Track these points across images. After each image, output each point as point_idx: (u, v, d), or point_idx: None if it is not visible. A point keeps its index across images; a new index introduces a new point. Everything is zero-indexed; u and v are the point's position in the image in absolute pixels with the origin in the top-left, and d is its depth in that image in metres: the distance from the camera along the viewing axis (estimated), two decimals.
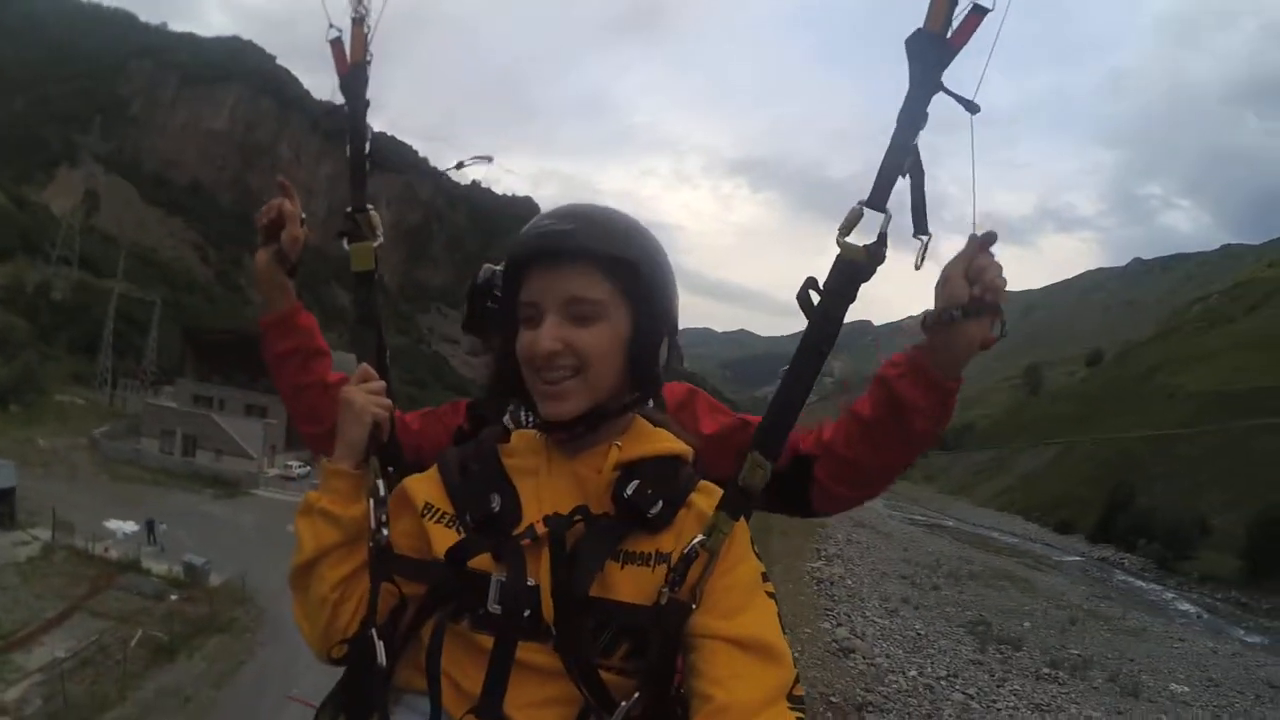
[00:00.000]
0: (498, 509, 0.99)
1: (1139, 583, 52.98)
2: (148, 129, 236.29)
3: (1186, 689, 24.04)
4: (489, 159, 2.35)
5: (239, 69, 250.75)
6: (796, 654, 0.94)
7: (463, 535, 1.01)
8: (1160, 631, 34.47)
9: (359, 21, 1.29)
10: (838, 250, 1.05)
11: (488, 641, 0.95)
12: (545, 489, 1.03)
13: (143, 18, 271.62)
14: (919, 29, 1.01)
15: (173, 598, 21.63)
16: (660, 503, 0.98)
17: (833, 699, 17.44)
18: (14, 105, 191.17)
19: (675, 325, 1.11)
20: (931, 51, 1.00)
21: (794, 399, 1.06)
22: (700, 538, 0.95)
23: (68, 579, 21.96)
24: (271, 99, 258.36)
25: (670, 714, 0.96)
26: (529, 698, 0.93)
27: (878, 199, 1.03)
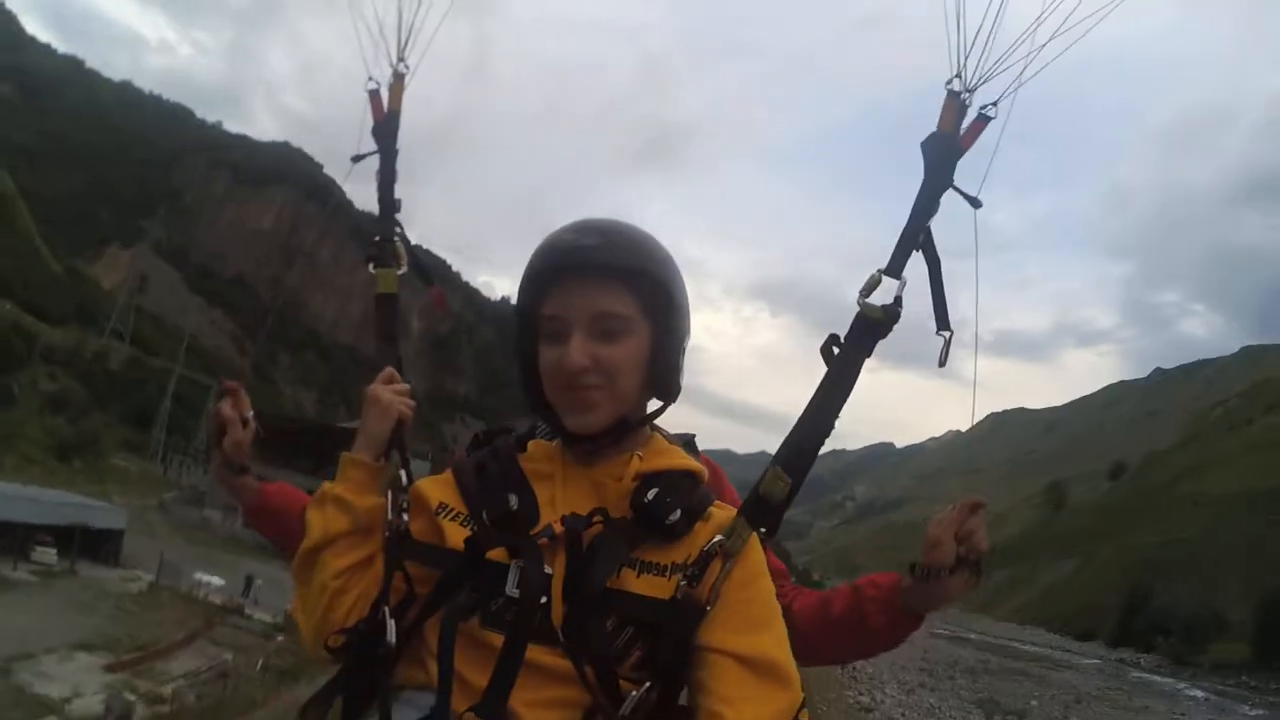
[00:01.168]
0: (515, 508, 0.99)
1: (1153, 677, 53.39)
2: (198, 220, 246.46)
3: None
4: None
5: (289, 172, 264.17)
6: (821, 710, 1.98)
7: (478, 531, 1.00)
8: (1164, 710, 34.70)
9: (400, 77, 1.44)
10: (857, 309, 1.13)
11: (497, 640, 0.92)
12: (562, 494, 1.03)
13: (199, 114, 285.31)
14: (933, 132, 1.16)
15: (279, 638, 22.14)
16: (679, 511, 0.97)
17: None
18: (73, 182, 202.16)
19: (687, 326, 1.13)
20: (943, 148, 1.14)
21: (819, 425, 1.11)
22: (720, 538, 0.97)
23: (181, 613, 22.76)
24: (315, 204, 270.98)
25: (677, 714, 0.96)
26: (534, 697, 0.91)
27: (894, 267, 1.14)
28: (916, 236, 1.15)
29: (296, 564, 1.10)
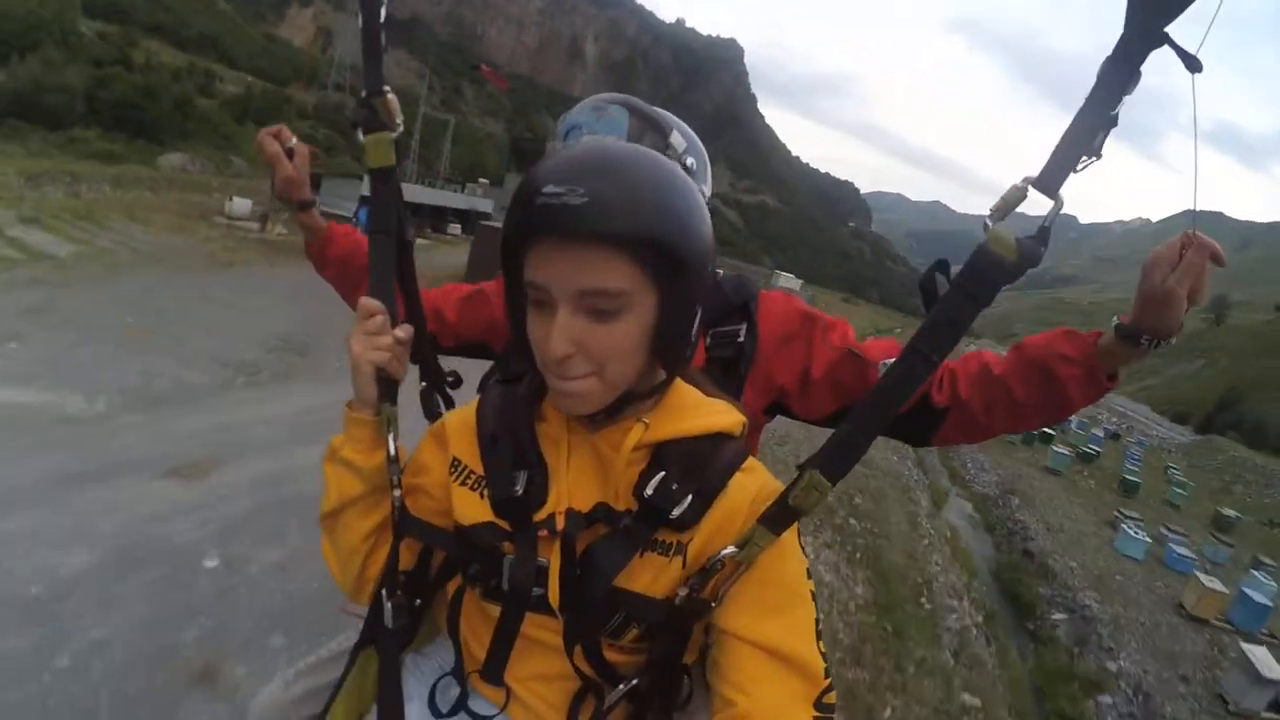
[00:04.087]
0: (521, 492, 0.89)
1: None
2: None
3: None
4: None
5: None
6: None
7: (486, 503, 0.92)
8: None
9: None
10: (987, 229, 0.82)
11: (496, 611, 0.91)
12: (570, 466, 0.92)
13: None
14: None
15: None
16: (689, 498, 0.85)
17: None
18: None
19: (709, 279, 0.87)
20: None
21: (877, 422, 0.85)
22: (731, 549, 0.84)
23: None
24: None
25: (675, 686, 0.92)
26: (532, 670, 0.91)
27: (1050, 181, 0.80)
28: (1097, 131, 0.79)
29: (321, 520, 1.03)
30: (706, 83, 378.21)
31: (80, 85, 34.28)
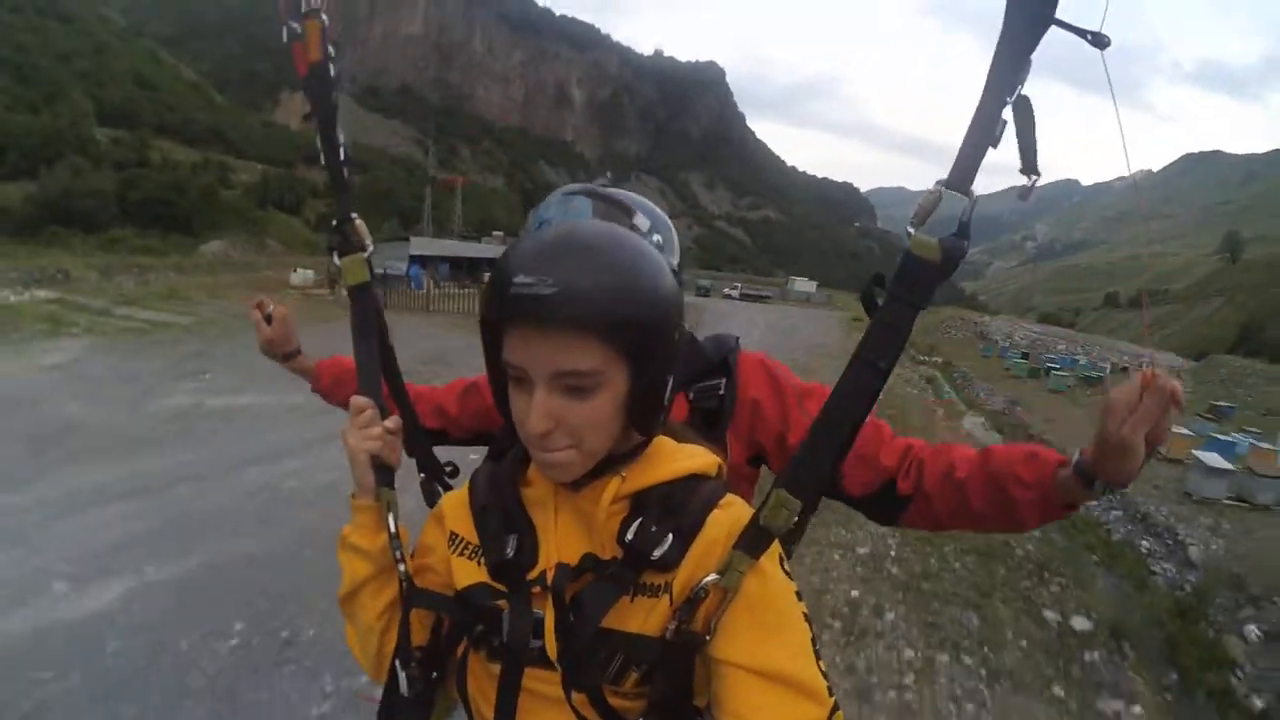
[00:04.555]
0: (512, 554, 0.93)
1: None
2: (352, 44, 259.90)
3: None
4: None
5: None
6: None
7: (483, 568, 0.96)
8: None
9: (312, 15, 1.09)
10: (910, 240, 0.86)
11: (499, 669, 0.94)
12: (558, 525, 0.96)
13: None
14: None
15: None
16: (669, 538, 0.87)
17: None
18: (227, 48, 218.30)
19: (680, 346, 0.90)
20: None
21: (836, 436, 0.88)
22: (713, 576, 0.85)
23: None
24: None
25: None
26: None
27: (961, 179, 0.83)
28: (995, 126, 0.80)
29: (340, 606, 1.08)
30: (693, 108, 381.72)
31: (110, 188, 34.57)
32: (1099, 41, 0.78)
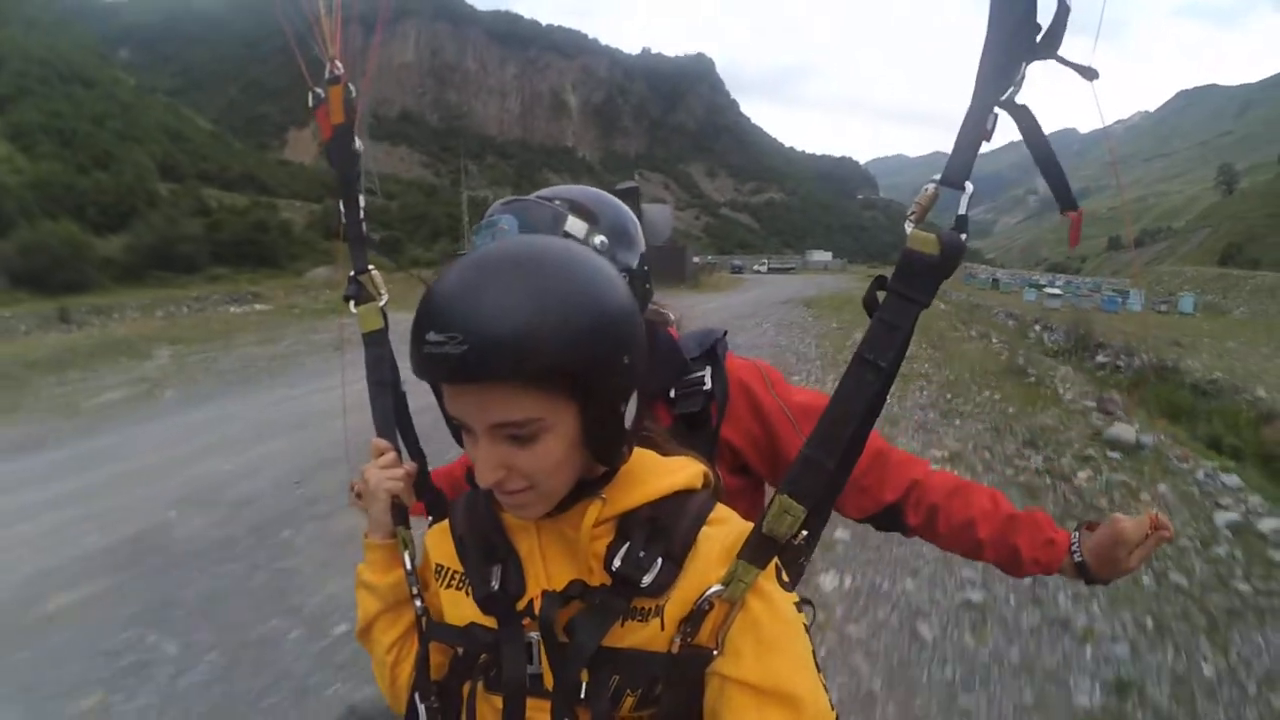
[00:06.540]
0: (497, 585, 0.92)
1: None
2: (349, 76, 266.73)
3: None
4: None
5: (410, 3, 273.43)
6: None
7: (472, 598, 0.95)
8: None
9: (335, 82, 1.19)
10: (908, 234, 0.81)
11: (499, 701, 0.92)
12: (544, 549, 0.93)
13: None
14: None
15: None
16: (659, 563, 0.84)
17: None
18: (231, 94, 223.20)
19: (639, 364, 0.82)
20: None
21: (838, 436, 0.82)
22: (717, 588, 0.82)
23: None
24: (445, 21, 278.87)
25: None
26: None
27: (956, 175, 0.79)
28: (984, 120, 0.76)
29: (358, 640, 1.11)
30: (686, 101, 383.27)
31: (201, 233, 39.03)
32: (1089, 75, 0.74)
